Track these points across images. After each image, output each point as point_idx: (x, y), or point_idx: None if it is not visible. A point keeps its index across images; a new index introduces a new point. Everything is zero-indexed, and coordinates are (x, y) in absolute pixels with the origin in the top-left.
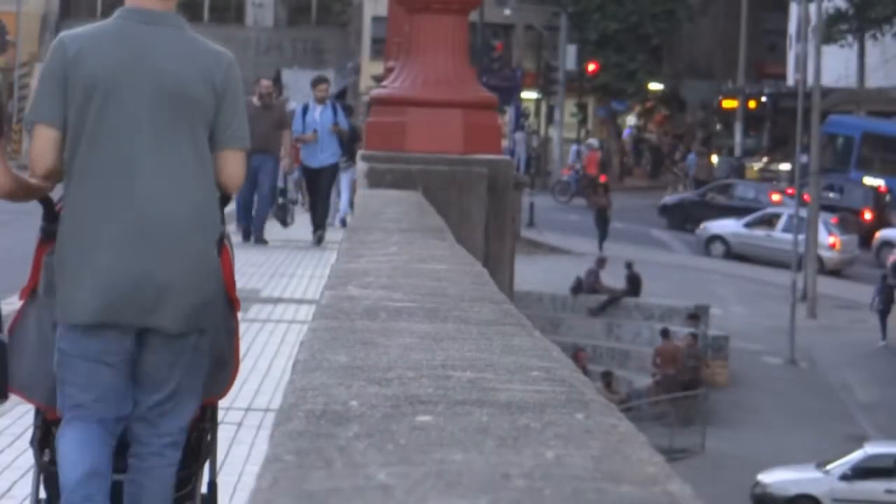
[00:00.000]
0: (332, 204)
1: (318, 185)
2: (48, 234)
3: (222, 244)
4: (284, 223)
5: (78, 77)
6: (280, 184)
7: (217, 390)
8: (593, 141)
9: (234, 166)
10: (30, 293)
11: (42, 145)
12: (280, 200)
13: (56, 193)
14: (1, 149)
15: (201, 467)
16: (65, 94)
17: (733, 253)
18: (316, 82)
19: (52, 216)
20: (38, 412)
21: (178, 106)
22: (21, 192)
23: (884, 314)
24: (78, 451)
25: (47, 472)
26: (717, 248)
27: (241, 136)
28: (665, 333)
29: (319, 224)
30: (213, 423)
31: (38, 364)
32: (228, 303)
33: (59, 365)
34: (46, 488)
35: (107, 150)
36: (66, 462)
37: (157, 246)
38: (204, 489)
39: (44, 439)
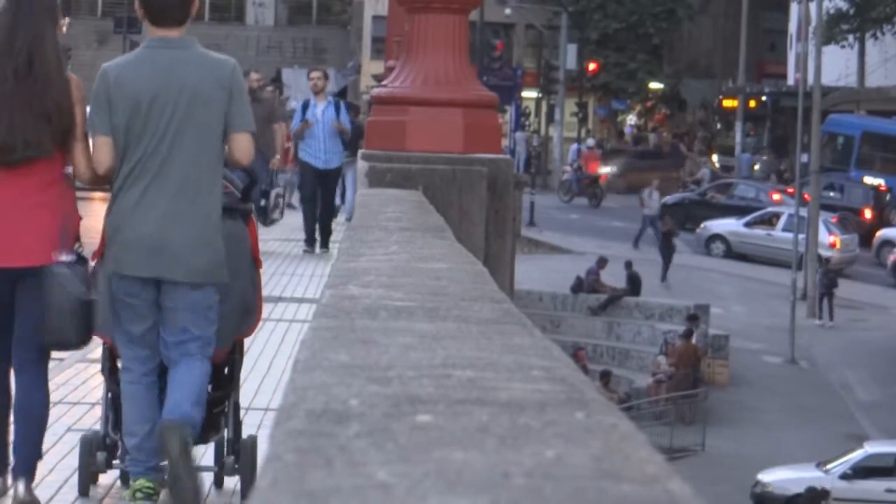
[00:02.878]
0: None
1: (323, 190)
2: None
3: (249, 218)
4: (265, 222)
5: (121, 95)
6: (264, 185)
7: (244, 330)
8: (591, 140)
9: (242, 144)
10: (99, 256)
11: (101, 150)
12: (261, 202)
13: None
14: (84, 145)
15: (233, 390)
16: (110, 110)
17: (734, 252)
18: (308, 72)
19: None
20: (105, 347)
21: (199, 106)
22: (97, 181)
23: (822, 297)
24: (138, 395)
25: (114, 392)
26: (718, 247)
27: (247, 121)
28: (688, 334)
29: (324, 232)
30: (240, 356)
31: (108, 310)
32: (253, 262)
33: (112, 301)
34: (113, 407)
35: (147, 147)
36: (128, 401)
37: (178, 216)
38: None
39: (112, 369)
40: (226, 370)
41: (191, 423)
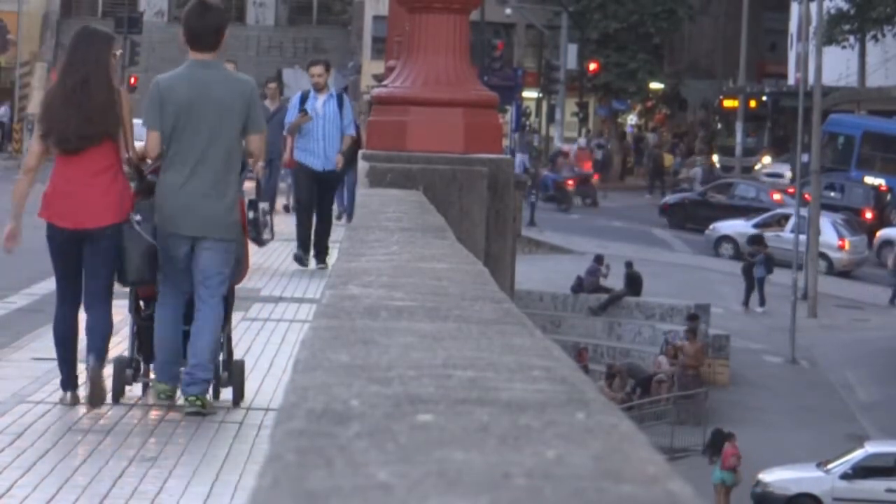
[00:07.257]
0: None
1: (320, 196)
2: (139, 188)
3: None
4: (260, 241)
5: (169, 101)
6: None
7: (235, 277)
8: (582, 140)
9: (256, 143)
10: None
11: (153, 141)
12: (250, 214)
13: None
14: (130, 137)
15: (228, 323)
16: (161, 111)
17: (742, 254)
18: (308, 65)
19: (142, 178)
20: (132, 290)
21: (225, 115)
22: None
23: (761, 282)
24: (168, 322)
25: (140, 326)
26: (727, 249)
27: (259, 125)
28: (695, 332)
29: (320, 249)
30: (232, 299)
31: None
32: (241, 227)
33: (160, 253)
34: (138, 337)
35: (186, 141)
36: (160, 326)
37: (206, 192)
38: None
39: (136, 307)
40: (225, 307)
41: (204, 378)
